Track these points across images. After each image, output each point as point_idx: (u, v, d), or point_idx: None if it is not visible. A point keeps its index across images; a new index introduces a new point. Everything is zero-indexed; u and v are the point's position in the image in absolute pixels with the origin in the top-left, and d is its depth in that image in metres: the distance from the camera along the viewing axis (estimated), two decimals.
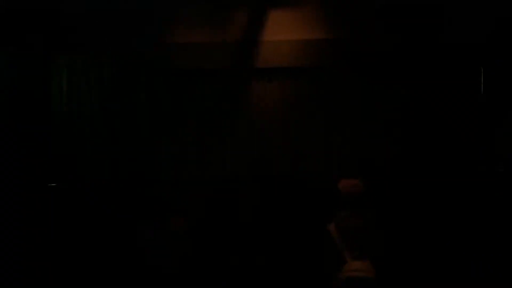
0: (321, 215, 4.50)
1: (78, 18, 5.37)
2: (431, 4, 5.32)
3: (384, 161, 5.35)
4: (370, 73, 5.42)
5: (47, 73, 5.43)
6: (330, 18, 5.45)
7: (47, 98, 5.43)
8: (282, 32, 5.44)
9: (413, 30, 5.35)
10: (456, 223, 5.16)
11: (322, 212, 4.63)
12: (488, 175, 5.28)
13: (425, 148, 5.36)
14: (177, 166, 5.47)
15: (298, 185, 5.38)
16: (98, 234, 5.27)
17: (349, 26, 5.42)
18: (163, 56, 5.43)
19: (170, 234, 5.06)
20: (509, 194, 5.18)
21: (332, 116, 5.45)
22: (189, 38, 5.44)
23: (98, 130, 5.47)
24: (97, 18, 5.38)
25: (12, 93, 5.37)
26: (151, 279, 4.86)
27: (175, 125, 5.50)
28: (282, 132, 5.46)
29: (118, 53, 5.45)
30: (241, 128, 5.49)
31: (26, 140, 5.37)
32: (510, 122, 5.32)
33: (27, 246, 5.21)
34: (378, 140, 5.39)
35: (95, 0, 5.35)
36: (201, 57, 5.41)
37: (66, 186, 5.37)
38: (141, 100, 5.50)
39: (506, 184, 5.22)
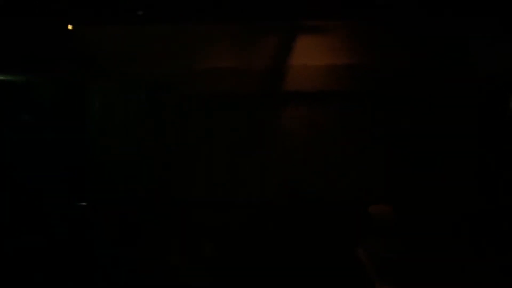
0: (352, 239, 4.51)
1: (112, 45, 5.53)
2: (456, 31, 5.39)
3: (413, 186, 5.37)
4: (398, 97, 5.47)
5: (81, 98, 5.60)
6: (357, 43, 5.52)
7: (82, 121, 5.58)
8: (310, 57, 5.53)
9: (439, 56, 5.42)
10: None
11: (352, 236, 4.64)
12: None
13: (454, 172, 5.38)
14: (206, 189, 5.55)
15: (325, 209, 5.41)
16: (127, 253, 5.34)
17: (376, 51, 5.49)
18: (193, 81, 5.54)
19: (198, 256, 5.11)
20: None
21: (360, 140, 5.50)
22: (218, 63, 5.55)
23: (130, 153, 5.59)
24: (131, 45, 5.53)
25: (47, 116, 5.54)
26: None
27: (204, 148, 5.59)
28: (310, 155, 5.52)
29: (151, 79, 5.58)
30: (268, 151, 5.56)
31: (61, 160, 5.53)
32: None
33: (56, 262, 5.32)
34: (408, 165, 5.41)
35: (128, 28, 5.51)
36: (231, 82, 5.52)
37: (97, 205, 5.48)
38: (172, 124, 5.61)
39: None
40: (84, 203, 5.49)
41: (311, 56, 5.53)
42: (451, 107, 5.43)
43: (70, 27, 5.21)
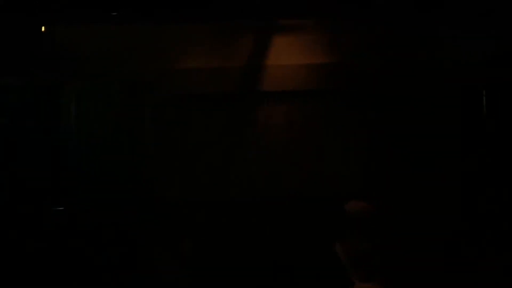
0: (330, 235, 4.50)
1: (86, 46, 5.46)
2: (433, 26, 5.40)
3: (393, 182, 5.37)
4: (377, 95, 5.48)
5: (56, 100, 5.53)
6: (335, 42, 5.53)
7: (55, 124, 5.51)
8: (288, 56, 5.53)
9: (417, 53, 5.43)
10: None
11: (331, 232, 4.63)
12: None
13: (434, 169, 5.39)
14: (186, 189, 5.52)
15: (306, 206, 5.41)
16: (106, 256, 5.28)
17: (353, 49, 5.50)
18: (170, 81, 5.51)
19: (180, 256, 5.09)
20: None
21: (340, 139, 5.51)
22: (196, 63, 5.52)
23: (106, 155, 5.53)
24: (105, 46, 5.46)
25: (22, 119, 5.48)
26: None
27: (183, 149, 5.56)
28: (289, 153, 5.51)
29: (126, 79, 5.54)
30: (248, 150, 5.54)
31: (33, 164, 5.45)
32: None
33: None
34: (387, 161, 5.42)
35: (102, 29, 5.45)
36: (209, 82, 5.49)
37: (72, 209, 5.41)
38: (149, 125, 5.57)
39: None
40: (61, 208, 5.42)
41: (290, 55, 5.53)
42: (437, 104, 5.45)
43: (43, 29, 5.17)
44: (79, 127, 5.55)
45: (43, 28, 5.18)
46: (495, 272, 4.87)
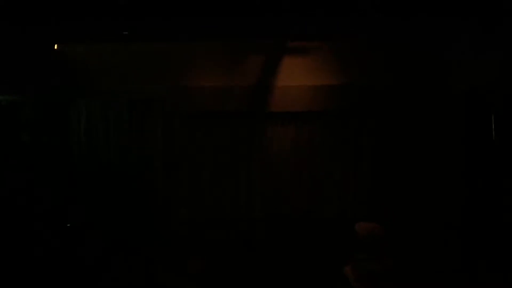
0: (335, 255, 4.51)
1: (96, 63, 5.51)
2: (441, 50, 5.43)
3: (398, 204, 5.37)
4: (383, 117, 5.50)
5: (67, 115, 5.57)
6: (341, 64, 5.56)
7: (66, 137, 5.55)
8: (295, 78, 5.56)
9: (425, 76, 5.46)
10: None
11: (336, 253, 4.64)
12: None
13: (441, 191, 5.39)
14: (192, 205, 5.54)
15: (311, 226, 5.42)
16: (117, 272, 5.29)
17: (360, 72, 5.53)
18: (179, 99, 5.55)
19: (185, 273, 5.11)
20: None
21: (345, 159, 5.53)
22: (205, 82, 5.56)
23: (115, 170, 5.56)
24: (115, 63, 5.51)
25: (34, 133, 5.52)
26: None
27: (190, 165, 5.59)
28: (295, 174, 5.53)
29: (136, 96, 5.58)
30: (255, 170, 5.57)
31: (45, 177, 5.48)
32: None
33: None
34: (393, 183, 5.43)
35: (112, 46, 5.49)
36: (217, 100, 5.53)
37: (84, 223, 5.43)
38: (157, 141, 5.60)
39: None
40: (70, 224, 5.44)
41: (298, 76, 5.57)
42: (437, 121, 5.46)
43: (55, 46, 5.22)
44: (87, 142, 5.59)
45: (55, 46, 5.23)
46: None
